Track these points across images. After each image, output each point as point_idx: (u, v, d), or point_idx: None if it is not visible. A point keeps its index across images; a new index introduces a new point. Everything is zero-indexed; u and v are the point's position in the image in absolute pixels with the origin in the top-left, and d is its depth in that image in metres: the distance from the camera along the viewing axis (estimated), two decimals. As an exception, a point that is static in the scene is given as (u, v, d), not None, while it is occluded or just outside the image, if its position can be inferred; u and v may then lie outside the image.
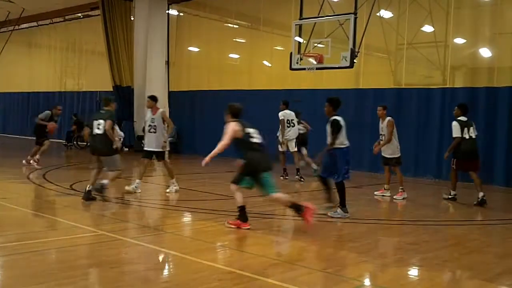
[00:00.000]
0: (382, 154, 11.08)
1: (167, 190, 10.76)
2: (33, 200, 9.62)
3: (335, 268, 5.87)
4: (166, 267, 5.93)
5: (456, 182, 10.89)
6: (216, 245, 6.83)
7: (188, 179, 13.20)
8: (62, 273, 5.22)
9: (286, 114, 13.35)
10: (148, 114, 10.94)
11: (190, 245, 6.76)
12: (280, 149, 13.48)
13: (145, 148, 10.74)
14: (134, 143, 21.45)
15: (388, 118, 10.95)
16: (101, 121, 9.50)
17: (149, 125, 10.71)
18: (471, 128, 10.52)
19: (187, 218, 8.83)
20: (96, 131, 9.49)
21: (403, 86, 15.71)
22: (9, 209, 8.46)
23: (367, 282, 5.55)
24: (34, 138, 14.91)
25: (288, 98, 17.79)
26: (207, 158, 7.28)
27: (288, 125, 13.28)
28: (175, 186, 10.70)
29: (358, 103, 15.92)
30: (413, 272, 5.97)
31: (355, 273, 5.77)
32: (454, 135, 10.45)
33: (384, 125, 10.93)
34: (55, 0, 23.76)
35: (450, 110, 14.39)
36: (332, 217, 8.43)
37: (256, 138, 7.41)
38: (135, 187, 10.34)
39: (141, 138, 21.25)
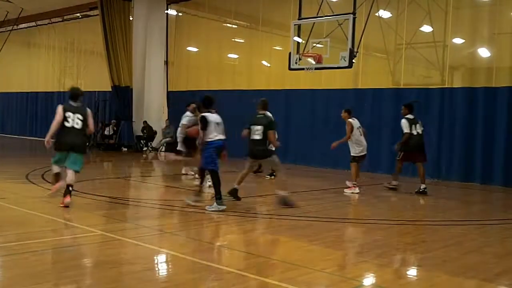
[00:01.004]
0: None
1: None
2: (31, 200, 9.60)
3: (334, 268, 5.87)
4: (165, 267, 5.92)
5: (399, 173, 12.09)
6: (215, 245, 6.84)
7: (186, 179, 13.18)
8: (60, 273, 5.21)
9: None
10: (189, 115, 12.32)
11: (189, 245, 6.76)
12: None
13: None
14: (133, 143, 21.47)
15: (348, 120, 11.69)
16: (259, 127, 9.47)
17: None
18: (417, 125, 11.75)
19: (185, 218, 8.81)
20: (255, 136, 9.50)
21: (402, 86, 15.72)
22: (7, 209, 8.45)
23: (366, 282, 5.55)
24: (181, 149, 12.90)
25: (287, 98, 17.90)
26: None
27: None
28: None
29: (357, 103, 15.93)
30: (412, 272, 5.97)
31: (354, 273, 5.77)
32: (404, 131, 11.61)
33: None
34: (54, 0, 23.75)
35: (449, 110, 14.48)
36: (210, 211, 8.69)
37: (71, 123, 8.63)
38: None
39: (140, 138, 21.39)
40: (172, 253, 6.22)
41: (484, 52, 14.59)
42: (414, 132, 11.60)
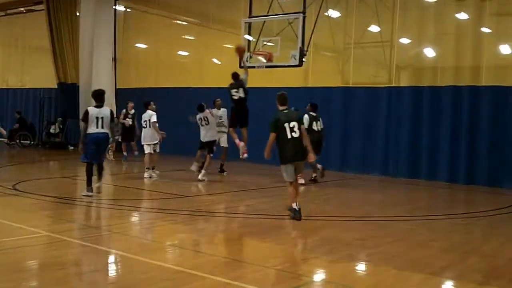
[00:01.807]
0: None
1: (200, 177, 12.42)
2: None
3: (285, 265, 5.90)
4: (114, 268, 5.80)
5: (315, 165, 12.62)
6: (165, 245, 6.76)
7: (136, 178, 13.01)
8: (6, 275, 5.04)
9: None
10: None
11: (139, 245, 6.65)
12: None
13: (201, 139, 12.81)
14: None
15: None
16: (294, 123, 8.26)
17: (200, 119, 12.74)
18: (318, 122, 12.76)
19: (135, 217, 8.68)
20: (293, 134, 8.20)
21: (351, 85, 15.97)
22: None
23: (316, 278, 5.61)
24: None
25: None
26: None
27: None
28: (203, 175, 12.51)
29: (307, 101, 16.07)
30: (361, 267, 6.07)
31: (305, 269, 5.82)
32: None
33: None
34: (-3, -6, 22.95)
35: (396, 109, 14.82)
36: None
37: None
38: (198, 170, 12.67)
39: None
40: (121, 253, 6.11)
41: (429, 52, 14.99)
42: (315, 128, 12.50)
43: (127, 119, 16.55)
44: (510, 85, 13.24)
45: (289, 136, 8.18)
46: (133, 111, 16.62)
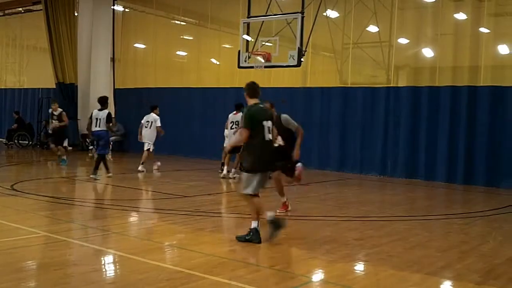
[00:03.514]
0: None
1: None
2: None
3: (283, 265, 5.91)
4: (112, 268, 5.81)
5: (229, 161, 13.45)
6: (164, 245, 6.75)
7: (134, 178, 13.01)
8: (4, 276, 5.03)
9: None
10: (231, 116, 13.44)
11: (137, 245, 6.65)
12: None
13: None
14: (78, 142, 20.94)
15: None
16: (270, 122, 6.87)
17: (231, 122, 13.19)
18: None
19: (133, 217, 8.68)
20: (269, 136, 6.86)
21: (349, 85, 15.99)
22: None
23: (315, 278, 5.61)
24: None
25: (237, 95, 17.89)
26: None
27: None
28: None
29: (305, 101, 16.11)
30: (359, 267, 6.08)
31: (303, 269, 5.82)
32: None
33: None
34: (-6, -6, 22.92)
35: (394, 109, 14.83)
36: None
37: None
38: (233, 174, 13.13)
39: (86, 136, 20.88)
40: (120, 254, 6.11)
41: (427, 52, 15.02)
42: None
43: (52, 121, 15.12)
44: (508, 85, 13.27)
45: (266, 138, 6.69)
46: (58, 111, 15.09)
